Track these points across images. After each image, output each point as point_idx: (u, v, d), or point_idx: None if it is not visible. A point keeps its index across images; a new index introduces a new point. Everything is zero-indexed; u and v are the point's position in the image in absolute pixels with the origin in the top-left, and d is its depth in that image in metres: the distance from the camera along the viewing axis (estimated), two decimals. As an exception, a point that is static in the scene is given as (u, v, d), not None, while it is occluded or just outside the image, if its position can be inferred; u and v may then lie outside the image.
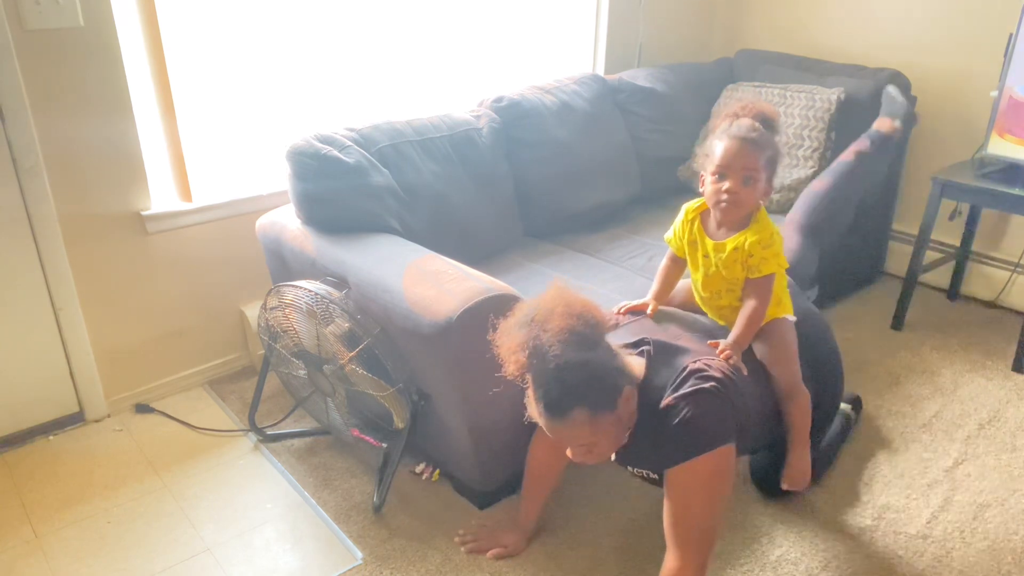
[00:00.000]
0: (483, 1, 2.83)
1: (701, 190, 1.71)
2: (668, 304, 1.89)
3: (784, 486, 1.85)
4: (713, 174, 1.65)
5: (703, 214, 1.76)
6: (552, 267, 2.46)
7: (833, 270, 2.96)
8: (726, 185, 1.63)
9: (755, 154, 1.61)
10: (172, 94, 2.23)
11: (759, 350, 1.73)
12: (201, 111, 2.32)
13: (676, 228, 1.82)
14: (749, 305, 1.68)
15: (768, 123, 1.68)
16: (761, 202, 1.68)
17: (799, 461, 1.81)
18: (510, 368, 1.42)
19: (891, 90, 2.64)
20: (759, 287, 1.68)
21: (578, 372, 1.38)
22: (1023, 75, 2.53)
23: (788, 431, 1.79)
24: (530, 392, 1.44)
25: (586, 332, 1.39)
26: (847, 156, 2.45)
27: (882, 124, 2.50)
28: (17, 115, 1.99)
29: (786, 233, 2.24)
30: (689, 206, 1.79)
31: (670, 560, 1.52)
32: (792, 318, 1.79)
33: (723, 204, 1.64)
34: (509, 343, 1.43)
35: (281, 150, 2.16)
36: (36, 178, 2.06)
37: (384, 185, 2.22)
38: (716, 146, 1.65)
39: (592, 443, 1.45)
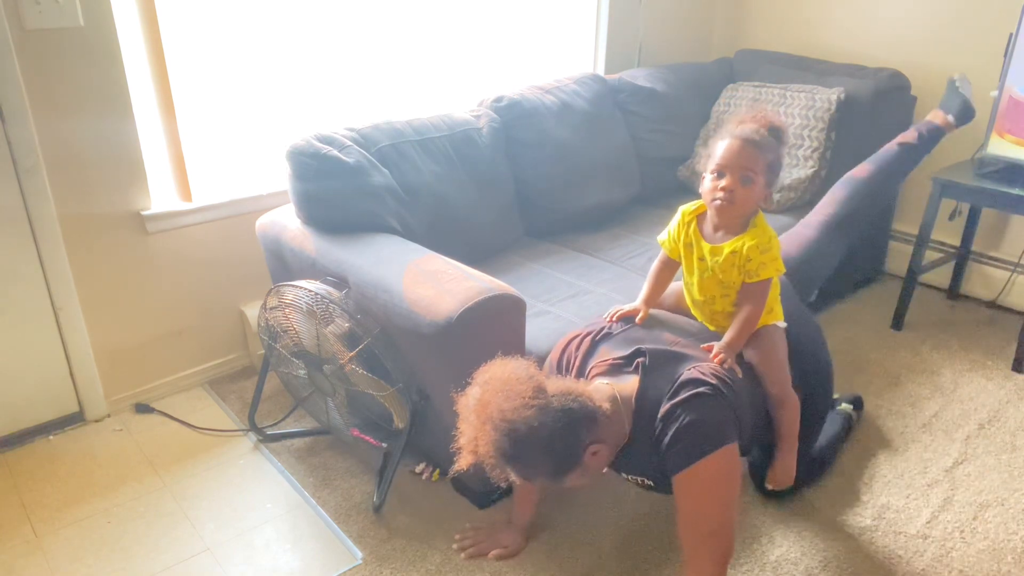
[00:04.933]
0: (483, 1, 2.83)
1: (701, 190, 1.70)
2: (659, 307, 1.88)
3: (769, 486, 1.90)
4: (712, 172, 1.64)
5: (700, 217, 1.75)
6: (552, 267, 2.46)
7: (833, 270, 2.97)
8: (723, 183, 1.62)
9: (756, 155, 1.61)
10: (172, 94, 2.23)
11: (749, 355, 1.73)
12: (201, 111, 2.32)
13: (671, 230, 1.80)
14: (745, 309, 1.68)
15: (775, 132, 1.67)
16: (760, 206, 1.68)
17: (785, 463, 1.85)
18: (466, 461, 1.42)
19: (956, 81, 2.38)
20: (756, 292, 1.68)
21: (528, 453, 1.39)
22: (1023, 75, 2.53)
23: (777, 436, 1.81)
24: None
25: (526, 414, 1.37)
26: (891, 147, 2.33)
27: (935, 116, 2.35)
28: (17, 115, 1.99)
29: (812, 221, 2.20)
30: (686, 208, 1.77)
31: (686, 567, 1.53)
32: (782, 324, 1.79)
33: (718, 202, 1.63)
34: (459, 440, 1.44)
35: (281, 150, 2.16)
36: (36, 178, 2.06)
37: (384, 185, 2.22)
38: (718, 145, 1.65)
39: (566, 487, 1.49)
